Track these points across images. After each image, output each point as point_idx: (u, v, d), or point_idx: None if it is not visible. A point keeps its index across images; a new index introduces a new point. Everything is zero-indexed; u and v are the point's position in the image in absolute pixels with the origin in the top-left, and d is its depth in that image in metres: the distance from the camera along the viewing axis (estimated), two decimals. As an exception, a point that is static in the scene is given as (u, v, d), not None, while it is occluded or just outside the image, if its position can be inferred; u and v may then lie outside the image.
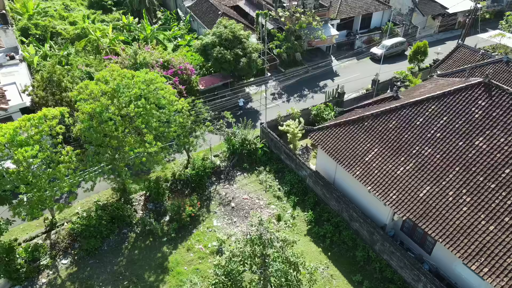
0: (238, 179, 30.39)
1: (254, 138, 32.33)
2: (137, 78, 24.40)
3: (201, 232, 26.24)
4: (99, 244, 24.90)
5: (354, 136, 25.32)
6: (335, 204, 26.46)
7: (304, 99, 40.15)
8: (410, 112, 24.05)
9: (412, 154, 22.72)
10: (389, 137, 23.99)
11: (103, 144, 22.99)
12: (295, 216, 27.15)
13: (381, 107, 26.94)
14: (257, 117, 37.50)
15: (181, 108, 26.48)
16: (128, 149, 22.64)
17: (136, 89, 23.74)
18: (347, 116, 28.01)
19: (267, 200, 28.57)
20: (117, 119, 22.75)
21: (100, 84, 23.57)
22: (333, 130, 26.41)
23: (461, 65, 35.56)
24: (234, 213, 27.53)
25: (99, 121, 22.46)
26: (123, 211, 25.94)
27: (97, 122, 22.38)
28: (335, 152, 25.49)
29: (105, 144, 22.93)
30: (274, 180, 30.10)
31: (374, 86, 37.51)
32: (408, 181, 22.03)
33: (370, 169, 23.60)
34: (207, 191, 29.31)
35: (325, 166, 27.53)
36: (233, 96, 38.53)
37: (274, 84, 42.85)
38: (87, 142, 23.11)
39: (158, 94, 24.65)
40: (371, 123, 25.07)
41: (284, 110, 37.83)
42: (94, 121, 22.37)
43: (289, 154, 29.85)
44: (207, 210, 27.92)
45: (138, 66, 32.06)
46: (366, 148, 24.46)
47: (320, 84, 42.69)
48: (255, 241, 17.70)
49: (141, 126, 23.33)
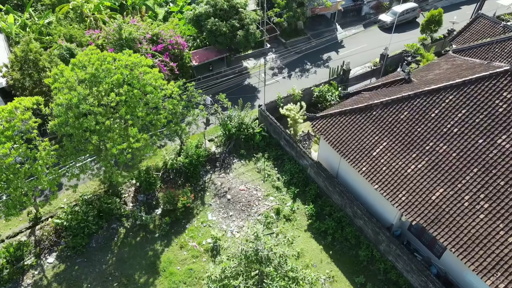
0: (234, 167, 28.45)
1: (252, 120, 30.01)
2: (119, 62, 21.69)
3: (195, 227, 24.71)
4: (86, 241, 23.46)
5: (361, 127, 23.02)
6: (338, 198, 24.71)
7: (306, 74, 37.27)
8: (424, 102, 21.58)
9: (425, 150, 20.56)
10: (400, 130, 21.71)
11: (83, 140, 20.78)
12: (295, 210, 25.50)
13: (391, 92, 24.41)
14: (255, 96, 34.90)
15: (171, 93, 24.02)
16: (111, 146, 20.44)
17: (118, 75, 21.11)
18: (353, 101, 25.52)
19: (266, 191, 26.80)
20: (98, 110, 20.36)
21: (76, 70, 20.93)
22: (338, 118, 24.05)
23: (479, 38, 32.37)
24: (230, 206, 25.87)
25: (77, 114, 20.08)
26: (111, 205, 24.25)
27: (74, 116, 20.00)
28: (339, 144, 23.32)
29: (85, 139, 20.71)
30: (273, 168, 28.16)
31: (383, 62, 34.53)
32: (420, 181, 20.06)
33: (377, 166, 21.56)
34: (202, 181, 27.48)
35: (328, 157, 25.47)
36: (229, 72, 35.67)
37: (274, 56, 39.71)
38: (65, 137, 20.84)
39: (143, 80, 22.05)
40: (380, 113, 22.68)
41: (285, 86, 35.25)
42: (70, 114, 19.98)
43: (289, 141, 27.68)
44: (202, 202, 26.24)
45: (123, 43, 29.02)
46: (373, 142, 22.26)
47: (323, 57, 39.54)
48: (251, 257, 16.04)
49: (126, 117, 21.00)
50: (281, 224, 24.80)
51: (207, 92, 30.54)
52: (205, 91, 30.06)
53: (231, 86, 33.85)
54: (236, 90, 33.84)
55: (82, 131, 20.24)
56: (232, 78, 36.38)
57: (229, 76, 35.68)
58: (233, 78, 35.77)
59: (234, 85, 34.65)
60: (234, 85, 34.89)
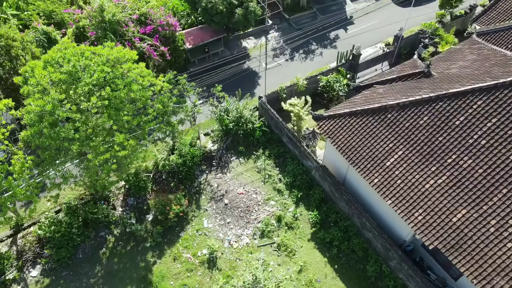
0: (232, 166, 26.18)
1: (251, 111, 27.29)
2: (99, 58, 18.82)
3: (189, 236, 22.88)
4: (72, 253, 21.75)
5: (373, 131, 20.46)
6: (345, 206, 22.65)
7: (311, 57, 34.00)
8: (447, 106, 18.85)
9: (447, 164, 18.14)
10: (418, 138, 19.17)
11: (62, 149, 18.38)
12: (298, 216, 23.52)
13: (408, 89, 21.60)
14: (255, 82, 31.92)
15: (160, 89, 21.33)
16: (92, 156, 18.06)
17: (98, 72, 18.32)
18: (365, 98, 22.76)
19: (266, 194, 24.71)
20: (76, 117, 17.80)
21: (49, 68, 18.10)
22: (347, 120, 21.43)
23: (506, 19, 28.83)
24: (228, 212, 23.88)
25: (52, 122, 17.52)
26: (97, 213, 22.28)
27: (49, 124, 17.44)
28: (348, 150, 20.88)
29: (63, 150, 18.31)
30: (274, 168, 25.89)
31: (397, 44, 31.18)
32: (439, 199, 17.83)
33: (391, 178, 19.24)
34: (197, 182, 25.33)
35: (335, 161, 23.11)
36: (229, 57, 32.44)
37: (276, 35, 36.17)
38: (40, 150, 18.39)
39: (128, 78, 19.28)
40: (396, 117, 20.02)
41: (288, 70, 32.29)
42: (45, 122, 17.41)
43: (292, 139, 25.21)
44: (197, 206, 24.24)
45: (106, 26, 25.75)
46: (387, 149, 19.79)
47: (330, 35, 35.98)
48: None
49: (109, 122, 18.48)
50: (283, 233, 22.93)
51: (202, 82, 27.57)
52: (200, 82, 27.11)
53: (229, 71, 30.79)
54: (235, 76, 30.80)
55: (60, 142, 17.78)
56: (229, 60, 33.26)
57: (226, 58, 32.51)
58: (231, 63, 32.64)
59: (233, 70, 31.59)
60: (233, 69, 31.81)
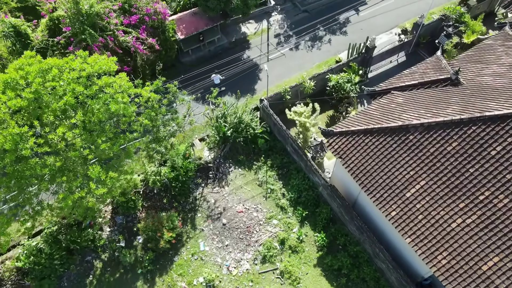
0: (230, 178, 23.72)
1: (252, 114, 24.39)
2: (68, 75, 15.78)
3: (184, 261, 20.90)
4: (55, 283, 19.87)
5: (392, 154, 17.75)
6: (355, 230, 20.46)
7: (319, 45, 30.43)
8: (482, 132, 16.02)
9: (478, 201, 15.64)
10: (445, 167, 16.52)
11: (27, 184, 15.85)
12: (303, 238, 21.41)
13: (433, 102, 18.67)
14: (256, 75, 28.67)
15: (147, 100, 18.50)
16: (63, 195, 15.57)
17: (70, 94, 15.39)
18: (381, 110, 19.83)
19: (268, 211, 22.45)
20: (44, 150, 15.12)
21: (9, 93, 15.13)
22: (361, 139, 18.65)
23: (544, 5, 25.16)
24: (226, 233, 21.74)
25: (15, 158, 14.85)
26: (81, 241, 20.15)
27: (11, 162, 14.78)
28: (362, 174, 18.30)
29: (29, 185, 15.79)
30: (277, 180, 23.43)
31: (416, 32, 27.57)
32: (467, 242, 15.51)
33: (411, 212, 16.83)
34: (191, 197, 23.00)
35: (345, 181, 20.60)
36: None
37: (279, 18, 32.33)
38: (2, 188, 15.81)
39: (105, 95, 16.34)
40: (420, 139, 17.23)
41: (292, 62, 29.10)
42: (6, 159, 14.73)
43: (297, 151, 22.57)
44: (192, 226, 22.08)
45: (84, 20, 22.24)
46: (408, 178, 17.21)
47: (340, 19, 32.13)
48: None
49: (84, 152, 15.84)
50: (286, 257, 20.93)
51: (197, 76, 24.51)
52: (194, 76, 24.05)
53: (227, 62, 27.53)
54: (233, 70, 27.56)
55: (26, 180, 15.22)
56: (228, 49, 29.88)
57: (220, 43, 29.09)
58: (229, 51, 29.28)
59: (231, 61, 28.25)
60: (231, 60, 28.48)
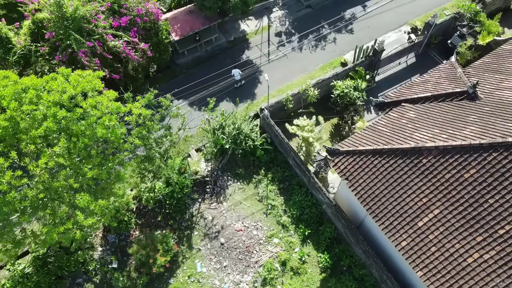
0: (229, 193, 22.44)
1: (251, 123, 22.89)
2: (48, 97, 14.26)
3: (180, 284, 19.85)
4: (44, 310, 18.88)
5: (403, 178, 16.37)
6: (361, 254, 19.29)
7: (323, 44, 28.60)
8: (504, 160, 14.59)
9: (497, 235, 14.35)
10: (462, 196, 15.17)
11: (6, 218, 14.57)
12: (305, 259, 20.28)
13: (448, 118, 17.18)
14: (256, 78, 26.98)
15: (137, 117, 17.05)
16: (47, 229, 14.32)
17: (48, 122, 13.91)
18: (391, 126, 18.33)
19: (268, 229, 21.25)
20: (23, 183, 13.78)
21: (-19, 119, 13.66)
22: (370, 160, 17.23)
23: None
24: (224, 253, 20.60)
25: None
26: (70, 266, 19.04)
27: (-14, 196, 13.49)
28: (369, 198, 16.98)
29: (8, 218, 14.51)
30: (278, 195, 22.16)
31: (427, 33, 25.74)
32: (484, 280, 14.32)
33: (424, 243, 15.58)
34: (188, 214, 21.78)
35: (350, 201, 19.28)
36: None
37: (280, 14, 30.37)
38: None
39: (90, 118, 14.87)
40: (434, 164, 15.81)
41: (295, 64, 27.43)
42: (-20, 193, 13.44)
43: (300, 166, 21.20)
44: (188, 245, 20.94)
45: (69, 24, 20.47)
46: (420, 205, 15.88)
47: (345, 15, 30.16)
48: None
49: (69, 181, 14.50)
50: (288, 279, 19.86)
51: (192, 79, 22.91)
52: (190, 79, 22.43)
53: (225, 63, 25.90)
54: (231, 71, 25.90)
55: (3, 216, 13.93)
56: (226, 49, 28.12)
57: (218, 43, 27.36)
58: (229, 53, 27.57)
59: (229, 63, 26.60)
60: (229, 62, 26.82)
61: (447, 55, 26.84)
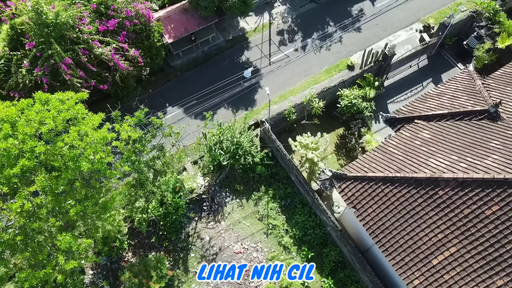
0: (227, 210, 21.12)
1: (250, 133, 21.33)
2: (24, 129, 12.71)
3: (176, 311, 18.85)
4: (34, 338, 17.87)
5: (417, 211, 14.96)
6: (368, 282, 18.11)
7: (329, 44, 26.60)
8: (532, 197, 13.15)
9: (521, 280, 13.10)
10: (482, 234, 13.80)
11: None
12: (308, 284, 19.15)
13: (468, 148, 15.59)
14: (256, 83, 25.18)
15: (126, 141, 15.59)
16: (25, 275, 13.05)
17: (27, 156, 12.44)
18: (403, 147, 16.78)
19: (269, 251, 20.05)
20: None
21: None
22: (380, 188, 15.78)
23: None
24: (222, 278, 19.49)
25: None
26: (60, 294, 17.92)
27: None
28: (379, 230, 15.63)
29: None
30: (280, 213, 20.84)
31: (442, 33, 23.74)
32: (505, 328, 13.16)
33: (438, 283, 14.32)
34: (184, 234, 20.54)
35: (357, 227, 17.94)
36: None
37: (282, 10, 28.23)
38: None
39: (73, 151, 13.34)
40: (451, 197, 14.37)
41: (298, 67, 25.74)
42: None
43: (303, 185, 19.78)
44: (184, 268, 19.79)
45: (51, 32, 18.60)
46: (435, 241, 14.54)
47: (352, 11, 28.00)
48: None
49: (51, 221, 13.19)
50: (289, 306, 18.79)
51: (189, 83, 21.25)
52: (186, 83, 20.77)
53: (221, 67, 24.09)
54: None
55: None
56: (224, 50, 26.21)
57: (215, 42, 25.45)
58: (226, 53, 25.65)
59: (227, 65, 24.77)
60: (227, 64, 24.99)
61: (462, 57, 24.99)
